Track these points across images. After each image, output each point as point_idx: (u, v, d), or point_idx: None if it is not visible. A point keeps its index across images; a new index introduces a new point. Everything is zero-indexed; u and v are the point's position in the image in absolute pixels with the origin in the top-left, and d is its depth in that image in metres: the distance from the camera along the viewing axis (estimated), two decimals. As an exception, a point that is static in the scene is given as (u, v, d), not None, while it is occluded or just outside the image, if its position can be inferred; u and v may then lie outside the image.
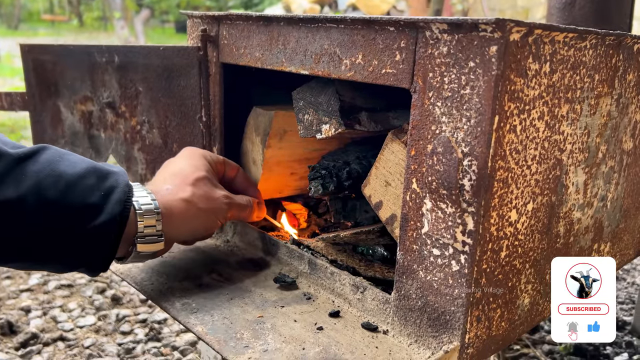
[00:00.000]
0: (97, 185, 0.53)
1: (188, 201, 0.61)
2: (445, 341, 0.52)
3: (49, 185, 0.50)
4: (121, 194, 0.54)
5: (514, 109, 0.47)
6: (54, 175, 0.51)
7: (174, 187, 0.62)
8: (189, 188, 0.62)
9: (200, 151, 0.69)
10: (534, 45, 0.47)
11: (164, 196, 0.60)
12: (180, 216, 0.60)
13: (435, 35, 0.48)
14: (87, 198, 0.52)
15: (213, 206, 0.64)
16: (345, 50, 0.56)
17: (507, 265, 0.53)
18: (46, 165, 0.51)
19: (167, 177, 0.64)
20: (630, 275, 1.63)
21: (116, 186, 0.54)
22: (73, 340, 1.24)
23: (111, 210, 0.52)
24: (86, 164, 0.54)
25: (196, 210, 0.62)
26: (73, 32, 12.95)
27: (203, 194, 0.63)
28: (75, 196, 0.51)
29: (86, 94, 0.93)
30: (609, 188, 0.69)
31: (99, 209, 0.52)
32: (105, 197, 0.53)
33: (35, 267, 0.56)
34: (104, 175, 0.54)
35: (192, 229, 0.64)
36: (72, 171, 0.52)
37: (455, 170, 0.47)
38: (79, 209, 0.51)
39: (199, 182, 0.63)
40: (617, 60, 0.61)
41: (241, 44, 0.70)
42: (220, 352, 0.53)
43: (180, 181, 0.63)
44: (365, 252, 0.74)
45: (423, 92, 0.50)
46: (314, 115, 0.68)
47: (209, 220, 0.64)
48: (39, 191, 0.49)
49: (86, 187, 0.52)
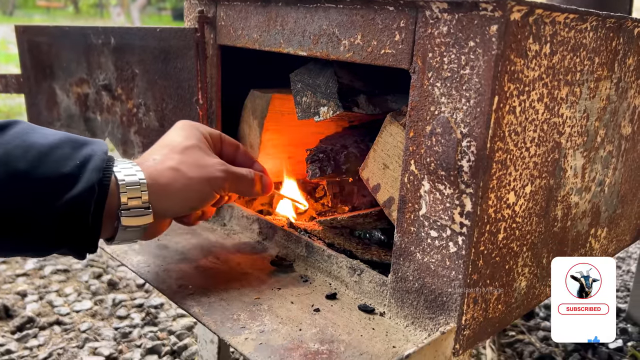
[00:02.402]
0: (71, 155, 0.49)
1: (176, 169, 0.56)
2: (442, 323, 0.52)
3: (18, 156, 0.47)
4: (99, 161, 0.50)
5: (514, 90, 0.47)
6: (24, 146, 0.47)
7: (162, 157, 0.57)
8: (176, 156, 0.57)
9: (194, 123, 0.64)
10: (535, 25, 0.47)
11: (150, 166, 0.55)
12: (168, 186, 0.55)
13: (435, 15, 0.47)
14: (61, 168, 0.48)
15: (206, 174, 0.58)
16: (344, 31, 0.56)
17: (505, 247, 0.53)
18: (16, 137, 0.48)
19: (155, 149, 0.59)
20: (625, 264, 1.64)
21: (93, 154, 0.50)
22: (69, 324, 1.24)
23: (88, 178, 0.48)
24: (60, 135, 0.51)
25: (186, 179, 0.56)
26: (69, 19, 12.85)
27: (193, 161, 0.58)
28: (48, 166, 0.47)
29: (82, 76, 0.93)
30: (606, 173, 0.69)
31: (74, 178, 0.48)
32: (81, 166, 0.49)
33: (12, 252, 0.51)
34: (79, 145, 0.50)
35: (183, 200, 0.57)
36: (44, 141, 0.48)
37: (454, 151, 0.47)
38: (53, 180, 0.47)
39: (188, 149, 0.58)
40: (617, 44, 0.61)
41: (239, 25, 0.69)
42: (217, 333, 0.53)
43: (169, 150, 0.58)
44: (362, 235, 0.74)
45: (422, 73, 0.49)
46: (312, 97, 0.67)
47: (203, 190, 0.58)
48: (7, 162, 0.46)
49: (59, 157, 0.48)
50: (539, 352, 1.16)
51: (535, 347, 1.19)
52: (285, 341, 0.51)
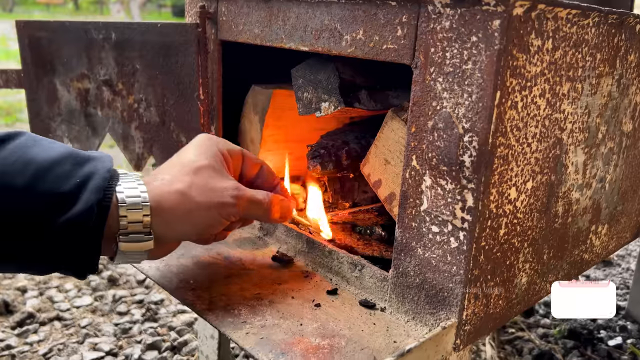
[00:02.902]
0: (72, 172, 0.46)
1: (183, 193, 0.52)
2: (442, 318, 0.52)
3: (15, 172, 0.44)
4: (100, 180, 0.47)
5: (516, 85, 0.47)
6: (23, 161, 0.45)
7: (171, 177, 0.53)
8: (186, 178, 0.53)
9: (213, 138, 0.59)
10: (537, 20, 0.47)
11: (157, 187, 0.51)
12: (172, 211, 0.51)
13: (438, 10, 0.47)
14: (60, 186, 0.45)
15: (215, 199, 0.53)
16: (346, 26, 0.56)
17: (506, 243, 0.53)
18: (16, 151, 0.45)
19: (168, 167, 0.55)
20: (625, 261, 1.64)
21: (95, 172, 0.47)
22: (69, 320, 1.24)
23: (87, 200, 0.45)
24: (63, 149, 0.48)
25: (193, 205, 0.52)
26: (68, 16, 12.84)
27: (203, 185, 0.53)
28: (46, 184, 0.45)
29: (83, 71, 0.92)
30: (607, 169, 0.69)
31: (73, 198, 0.45)
32: (81, 185, 0.46)
33: (9, 268, 0.48)
34: (81, 161, 0.47)
35: (188, 226, 0.53)
36: (45, 156, 0.46)
37: (455, 146, 0.47)
38: (50, 199, 0.45)
39: (200, 170, 0.54)
40: (619, 40, 0.61)
41: (240, 21, 0.69)
42: (218, 327, 0.53)
43: (178, 170, 0.53)
44: (363, 231, 0.74)
45: (424, 68, 0.49)
46: (313, 93, 0.67)
47: (209, 217, 0.54)
48: (4, 178, 0.44)
49: (59, 174, 0.46)
50: (539, 349, 1.16)
51: (534, 344, 1.19)
52: (287, 336, 0.51)
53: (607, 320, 1.28)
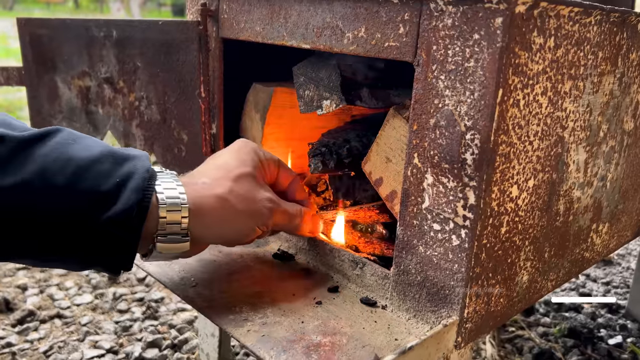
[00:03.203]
0: (111, 171, 0.47)
1: (224, 199, 0.53)
2: (444, 316, 0.52)
3: (56, 170, 0.45)
4: (140, 180, 0.47)
5: (518, 83, 0.47)
6: (63, 159, 0.45)
7: (212, 181, 0.54)
8: (228, 184, 0.54)
9: (253, 145, 0.60)
10: (539, 18, 0.47)
11: (197, 190, 0.52)
12: (211, 215, 0.52)
13: (440, 7, 0.47)
14: (100, 185, 0.46)
15: (253, 208, 0.55)
16: (348, 24, 0.56)
17: (507, 241, 0.53)
18: (56, 148, 0.46)
19: (208, 170, 0.56)
20: (625, 260, 1.64)
21: (134, 172, 0.47)
22: (70, 318, 1.24)
23: (127, 199, 0.46)
24: (102, 147, 0.48)
25: (232, 212, 0.53)
26: (68, 14, 12.83)
27: (243, 193, 0.54)
28: (86, 182, 0.45)
29: (84, 69, 0.92)
30: (609, 168, 0.69)
31: (113, 197, 0.46)
32: (121, 184, 0.46)
33: (48, 264, 0.50)
34: (121, 160, 0.48)
35: (223, 232, 0.55)
36: (84, 155, 0.46)
37: (457, 144, 0.47)
38: (90, 197, 0.45)
39: (241, 178, 0.55)
40: (621, 39, 0.61)
41: (241, 18, 0.69)
42: (220, 324, 0.53)
43: (221, 175, 0.54)
44: (364, 229, 0.74)
45: (426, 66, 0.49)
46: (314, 90, 0.67)
47: (246, 225, 0.55)
48: (45, 175, 0.44)
49: (99, 173, 0.46)
50: (539, 348, 1.16)
51: (535, 342, 1.20)
52: (288, 333, 0.51)
53: (607, 319, 1.28)
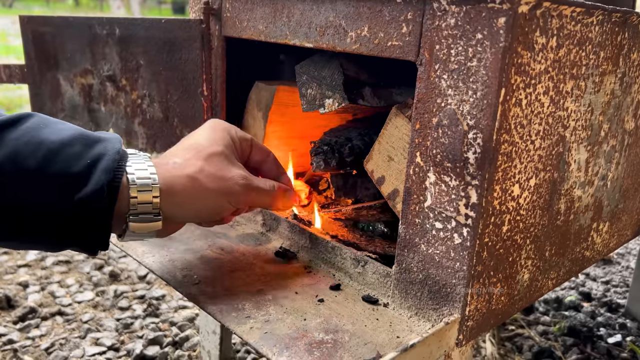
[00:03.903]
0: (82, 153, 0.47)
1: (195, 178, 0.53)
2: (445, 313, 0.52)
3: (28, 154, 0.45)
4: (110, 161, 0.48)
5: (520, 83, 0.47)
6: (34, 143, 0.46)
7: (183, 161, 0.54)
8: (199, 163, 0.54)
9: (225, 124, 0.61)
10: (542, 18, 0.47)
11: (169, 170, 0.53)
12: (182, 194, 0.53)
13: (443, 7, 0.47)
14: (71, 167, 0.46)
15: (224, 187, 0.55)
16: (351, 23, 0.56)
17: (509, 240, 0.54)
18: (27, 132, 0.46)
19: (179, 150, 0.57)
20: (624, 260, 1.65)
21: (105, 153, 0.48)
22: (71, 315, 1.24)
23: (97, 180, 0.47)
24: (73, 131, 0.49)
25: (203, 190, 0.54)
26: (68, 11, 12.81)
27: (214, 172, 0.55)
28: (57, 165, 0.46)
29: (86, 66, 0.93)
30: (609, 167, 0.69)
31: (84, 179, 0.46)
32: (91, 165, 0.47)
33: (25, 246, 0.50)
34: (91, 143, 0.49)
35: (196, 210, 0.56)
36: (55, 138, 0.47)
37: (460, 143, 0.48)
38: (62, 179, 0.46)
39: (212, 157, 0.56)
40: (623, 39, 0.61)
41: (244, 17, 0.69)
42: (223, 322, 0.53)
43: (192, 155, 0.55)
44: (365, 228, 0.74)
45: (429, 65, 0.49)
46: (317, 89, 0.68)
47: (217, 203, 0.56)
48: (16, 159, 0.45)
49: (70, 155, 0.47)
50: (539, 346, 1.17)
51: (534, 341, 1.20)
52: (290, 330, 0.52)
53: (606, 318, 1.29)
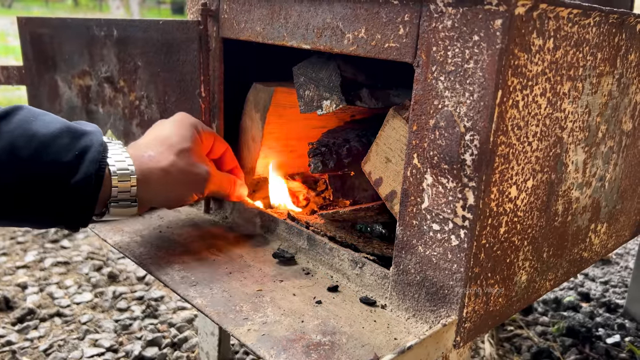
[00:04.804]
0: (70, 145, 0.53)
1: (167, 171, 0.62)
2: (443, 315, 0.52)
3: (22, 145, 0.51)
4: (96, 153, 0.54)
5: (517, 84, 0.47)
6: (28, 135, 0.52)
7: (157, 155, 0.62)
8: (171, 157, 0.62)
9: (192, 120, 0.68)
10: (539, 20, 0.47)
11: (144, 162, 0.60)
12: (156, 184, 0.61)
13: (440, 9, 0.47)
14: (61, 157, 0.53)
15: (191, 179, 0.64)
16: (348, 24, 0.56)
17: (506, 241, 0.54)
18: (19, 125, 0.52)
19: (152, 143, 0.64)
20: (623, 260, 1.65)
21: (90, 145, 0.55)
22: (70, 316, 1.24)
23: (86, 169, 0.53)
24: (60, 124, 0.55)
25: (173, 182, 0.63)
26: (67, 12, 12.81)
27: (183, 166, 0.63)
28: (49, 156, 0.52)
29: (84, 68, 0.93)
30: (607, 168, 0.69)
31: (73, 168, 0.53)
32: (80, 156, 0.53)
33: (14, 224, 0.57)
34: (78, 135, 0.55)
35: (165, 198, 0.65)
36: (46, 131, 0.53)
37: (457, 144, 0.48)
38: (54, 168, 0.52)
39: (182, 153, 0.64)
40: (620, 40, 0.61)
41: (242, 18, 0.69)
42: (220, 323, 0.53)
43: (165, 149, 0.63)
44: (363, 229, 0.74)
45: (426, 67, 0.49)
46: (314, 91, 0.68)
47: (184, 193, 0.65)
48: (13, 150, 0.51)
49: (60, 147, 0.53)
50: (537, 347, 1.17)
51: (533, 341, 1.20)
52: (288, 332, 0.52)
53: (605, 318, 1.29)
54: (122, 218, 0.64)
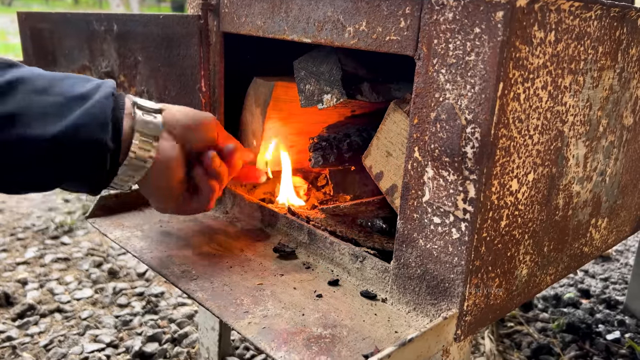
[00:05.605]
0: (82, 83, 0.54)
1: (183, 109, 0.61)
2: (443, 308, 0.52)
3: (35, 78, 0.52)
4: (109, 88, 0.54)
5: (518, 77, 0.47)
6: (39, 73, 0.53)
7: None
8: None
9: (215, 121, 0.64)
10: (540, 12, 0.47)
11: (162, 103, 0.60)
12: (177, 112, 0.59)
13: (441, 1, 0.47)
14: (77, 88, 0.53)
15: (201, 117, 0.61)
16: (349, 17, 0.56)
17: (507, 235, 0.54)
18: (31, 70, 0.53)
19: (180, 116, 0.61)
20: (623, 257, 1.65)
21: (102, 83, 0.55)
22: (70, 312, 1.24)
23: (104, 92, 0.53)
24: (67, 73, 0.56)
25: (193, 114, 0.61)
26: (67, 9, 12.79)
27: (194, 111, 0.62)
28: (63, 88, 0.52)
29: (84, 63, 0.92)
30: (608, 163, 0.69)
31: (91, 94, 0.53)
32: (96, 88, 0.54)
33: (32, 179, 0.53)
34: (87, 79, 0.56)
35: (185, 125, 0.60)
36: (56, 74, 0.54)
37: (458, 137, 0.47)
38: (70, 97, 0.52)
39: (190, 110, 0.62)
40: (621, 34, 0.61)
41: (242, 12, 0.69)
42: (221, 317, 0.53)
43: None
44: (364, 223, 0.74)
45: (427, 59, 0.49)
46: (315, 85, 0.67)
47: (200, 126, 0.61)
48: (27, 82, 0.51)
49: (73, 82, 0.54)
50: (537, 343, 1.17)
51: (533, 338, 1.20)
52: (289, 325, 0.52)
53: (605, 315, 1.29)
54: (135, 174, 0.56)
